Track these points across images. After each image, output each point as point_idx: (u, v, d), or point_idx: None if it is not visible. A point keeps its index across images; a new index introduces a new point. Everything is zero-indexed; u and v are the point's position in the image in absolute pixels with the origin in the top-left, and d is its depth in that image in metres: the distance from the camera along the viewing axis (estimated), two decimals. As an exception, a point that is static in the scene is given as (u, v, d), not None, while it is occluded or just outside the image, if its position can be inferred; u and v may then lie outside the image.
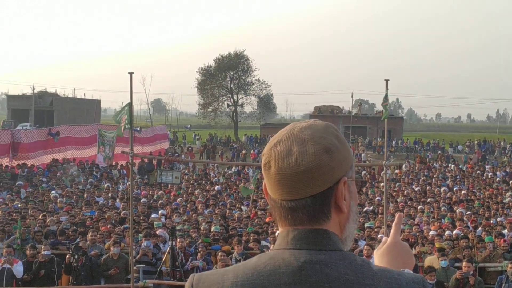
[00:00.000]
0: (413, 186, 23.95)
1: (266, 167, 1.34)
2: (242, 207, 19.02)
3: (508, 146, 46.41)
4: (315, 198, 1.29)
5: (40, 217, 15.72)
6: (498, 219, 16.45)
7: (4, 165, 24.19)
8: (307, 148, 1.28)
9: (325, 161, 1.27)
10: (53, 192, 20.23)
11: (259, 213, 17.48)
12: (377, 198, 19.84)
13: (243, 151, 42.46)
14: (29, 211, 16.58)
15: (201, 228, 14.89)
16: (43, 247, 11.76)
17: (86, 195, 20.05)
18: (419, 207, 18.38)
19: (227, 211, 18.40)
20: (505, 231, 14.42)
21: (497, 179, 26.73)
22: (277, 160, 1.29)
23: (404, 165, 31.10)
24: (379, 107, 57.77)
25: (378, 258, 1.56)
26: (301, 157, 1.27)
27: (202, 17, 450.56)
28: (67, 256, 11.58)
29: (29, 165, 24.65)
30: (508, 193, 22.06)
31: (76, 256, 11.45)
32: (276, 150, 1.30)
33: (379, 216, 16.17)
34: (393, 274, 1.31)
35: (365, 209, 18.12)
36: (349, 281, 1.24)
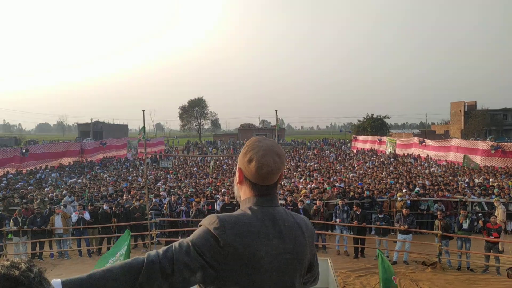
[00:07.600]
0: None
1: (250, 163, 1.73)
2: (207, 179, 23.18)
3: (337, 140, 68.46)
4: (277, 182, 1.76)
5: (97, 187, 19.61)
6: (334, 178, 20.74)
7: (78, 160, 34.51)
8: (280, 158, 1.74)
9: (284, 163, 1.75)
10: (104, 174, 24.79)
11: (214, 180, 21.22)
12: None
13: (204, 149, 59.74)
14: (91, 185, 19.95)
15: (183, 190, 18.21)
16: (104, 204, 14.02)
17: (122, 174, 24.32)
18: (295, 173, 25.34)
19: (197, 180, 22.27)
20: (337, 184, 18.53)
21: (332, 157, 40.29)
22: (267, 165, 1.70)
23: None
24: (273, 123, 79.88)
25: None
26: (278, 165, 1.72)
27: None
28: (113, 208, 13.79)
29: (87, 160, 33.94)
30: (338, 165, 32.17)
31: (118, 208, 13.80)
32: (266, 159, 1.71)
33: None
34: (295, 213, 1.83)
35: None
36: (283, 218, 1.74)
